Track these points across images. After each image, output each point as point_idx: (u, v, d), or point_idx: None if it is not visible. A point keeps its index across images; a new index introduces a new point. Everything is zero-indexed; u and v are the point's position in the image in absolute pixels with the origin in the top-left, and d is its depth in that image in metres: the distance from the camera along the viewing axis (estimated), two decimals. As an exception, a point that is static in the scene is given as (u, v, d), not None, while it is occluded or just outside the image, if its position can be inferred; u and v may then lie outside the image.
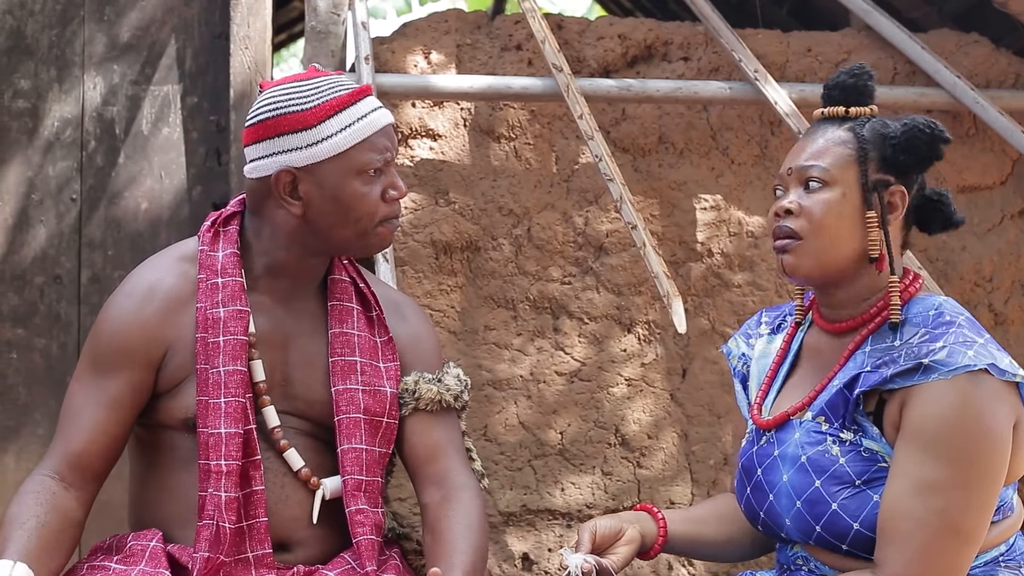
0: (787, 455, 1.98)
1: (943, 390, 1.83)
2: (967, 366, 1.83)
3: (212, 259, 2.13)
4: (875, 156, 1.97)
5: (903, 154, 1.95)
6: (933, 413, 1.84)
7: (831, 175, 1.97)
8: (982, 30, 3.79)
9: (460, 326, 3.52)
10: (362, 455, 2.12)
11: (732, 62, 3.58)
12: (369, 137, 2.09)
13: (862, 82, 2.02)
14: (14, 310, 3.52)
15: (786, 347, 2.14)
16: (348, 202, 2.08)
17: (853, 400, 1.92)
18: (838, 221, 1.96)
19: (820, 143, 2.00)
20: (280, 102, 2.08)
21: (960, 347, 1.86)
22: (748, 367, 2.20)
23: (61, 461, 2.06)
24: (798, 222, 1.97)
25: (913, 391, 1.86)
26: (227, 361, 2.06)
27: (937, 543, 1.82)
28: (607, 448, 3.54)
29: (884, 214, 1.96)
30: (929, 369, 1.85)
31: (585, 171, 3.59)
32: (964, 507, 1.82)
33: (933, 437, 1.83)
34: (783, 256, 1.99)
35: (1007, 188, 3.71)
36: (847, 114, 2.02)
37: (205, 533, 2.01)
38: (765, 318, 2.26)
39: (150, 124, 3.58)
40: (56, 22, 3.57)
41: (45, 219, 3.54)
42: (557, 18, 3.72)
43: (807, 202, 1.97)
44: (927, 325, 1.92)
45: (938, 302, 1.98)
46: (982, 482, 1.83)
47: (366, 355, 2.17)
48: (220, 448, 2.03)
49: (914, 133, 1.94)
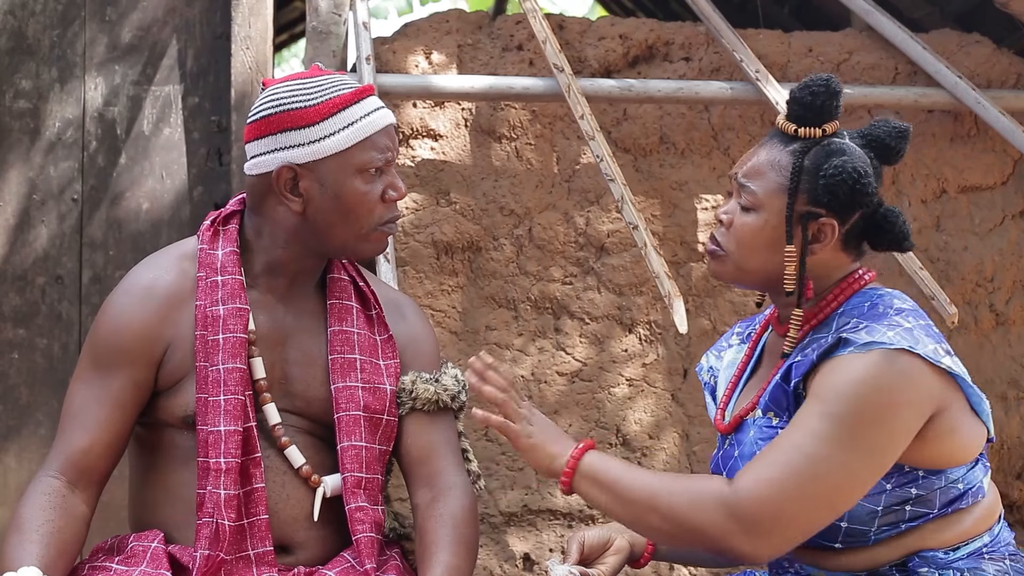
0: (744, 455, 2.00)
1: (853, 359, 1.86)
2: (882, 343, 1.85)
3: (212, 257, 2.13)
4: (807, 188, 1.97)
5: (827, 196, 1.95)
6: (837, 378, 1.86)
7: (759, 200, 1.99)
8: (983, 30, 3.79)
9: (461, 326, 3.52)
10: (362, 452, 2.12)
11: (733, 62, 3.58)
12: (371, 136, 2.09)
13: (818, 101, 2.00)
14: (16, 310, 3.53)
15: (751, 352, 2.18)
16: (348, 200, 2.08)
17: (792, 391, 1.94)
18: (758, 246, 2.00)
19: (762, 160, 2.01)
20: (283, 99, 2.09)
21: (882, 327, 1.88)
22: (716, 378, 2.23)
23: (65, 461, 2.06)
24: (726, 237, 2.02)
25: (827, 362, 1.89)
26: (226, 359, 2.06)
27: (794, 482, 1.84)
28: (608, 448, 3.54)
29: (805, 245, 1.97)
30: (847, 343, 1.88)
31: (586, 171, 3.59)
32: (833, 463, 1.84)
33: (830, 397, 1.85)
34: (710, 261, 2.06)
35: (1008, 188, 3.71)
36: (796, 134, 2.01)
37: (205, 531, 2.01)
38: (738, 329, 2.29)
39: (151, 124, 3.58)
40: (57, 22, 3.57)
41: (46, 219, 3.55)
42: (558, 18, 3.72)
43: (739, 219, 2.01)
44: (860, 315, 1.95)
45: (877, 295, 1.99)
46: (860, 450, 1.84)
47: (366, 353, 2.17)
48: (219, 445, 2.03)
49: (839, 181, 1.93)
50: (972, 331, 3.67)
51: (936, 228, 3.68)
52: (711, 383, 2.24)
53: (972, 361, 3.66)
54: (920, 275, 3.27)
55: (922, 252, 3.61)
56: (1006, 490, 3.67)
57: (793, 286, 1.98)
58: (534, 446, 2.01)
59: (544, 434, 2.02)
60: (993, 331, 3.69)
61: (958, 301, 3.60)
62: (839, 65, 3.67)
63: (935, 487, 1.92)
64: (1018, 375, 3.68)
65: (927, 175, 3.68)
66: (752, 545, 1.86)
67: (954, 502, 1.94)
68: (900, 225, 2.01)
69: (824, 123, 2.00)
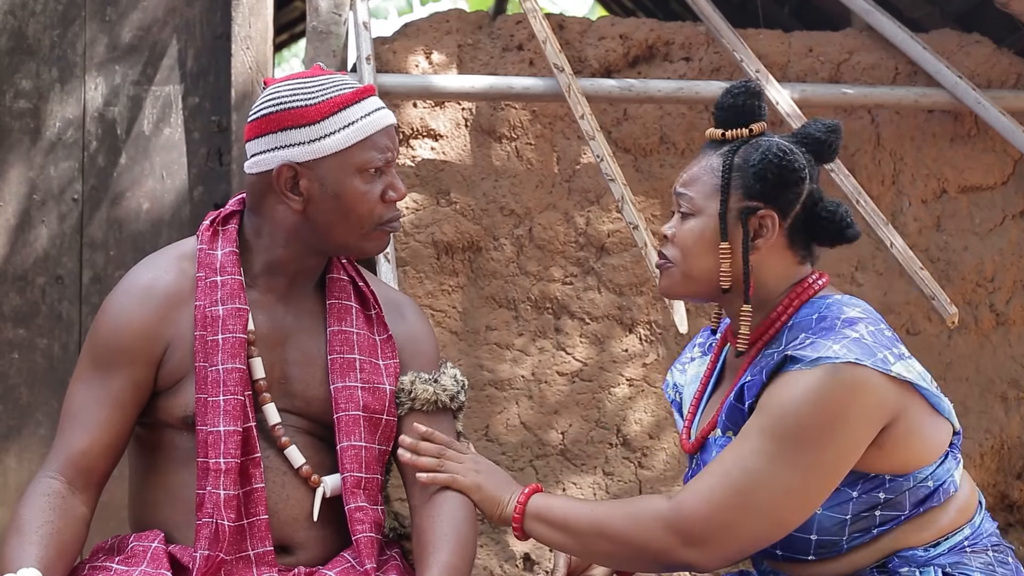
0: None
1: (798, 377, 1.86)
2: (828, 358, 1.85)
3: (211, 257, 2.13)
4: (739, 183, 1.99)
5: (758, 183, 1.97)
6: (782, 395, 1.87)
7: (696, 205, 2.01)
8: (983, 30, 3.79)
9: (462, 326, 3.52)
10: (361, 452, 2.12)
11: (733, 62, 3.58)
12: (371, 136, 2.09)
13: (740, 102, 2.03)
14: (16, 310, 3.53)
15: (712, 366, 2.18)
16: (348, 200, 2.08)
17: (747, 411, 1.95)
18: (701, 250, 2.01)
19: (695, 169, 2.04)
20: (284, 98, 2.09)
21: (827, 341, 1.88)
22: (681, 395, 2.24)
23: (65, 462, 2.06)
24: (671, 249, 2.05)
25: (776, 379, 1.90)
26: (226, 359, 2.06)
27: (731, 498, 1.86)
28: (608, 448, 3.55)
29: (747, 241, 1.98)
30: (793, 360, 1.88)
31: (587, 171, 3.59)
32: (773, 479, 1.85)
33: (774, 413, 1.86)
34: (660, 278, 2.08)
35: (1008, 188, 3.71)
36: (723, 137, 2.04)
37: (204, 531, 2.01)
38: (699, 339, 2.30)
39: (151, 124, 3.58)
40: (58, 23, 3.57)
41: (47, 219, 3.55)
42: (558, 18, 3.72)
43: (678, 230, 2.03)
44: (809, 329, 1.94)
45: (825, 304, 1.98)
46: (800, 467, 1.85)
47: (365, 353, 2.17)
48: (219, 446, 2.03)
49: (765, 163, 1.95)
50: (972, 331, 3.67)
51: (936, 228, 3.68)
52: (677, 400, 2.25)
53: (972, 361, 3.66)
54: (920, 275, 3.27)
55: (922, 252, 3.61)
56: (1006, 490, 3.67)
57: (729, 283, 1.98)
58: (484, 498, 2.09)
59: (492, 482, 2.09)
60: (993, 331, 3.69)
61: (958, 301, 3.60)
62: (839, 65, 3.67)
63: (903, 489, 1.91)
64: (1018, 375, 3.68)
65: (927, 175, 3.68)
66: (695, 555, 1.89)
67: (926, 501, 1.93)
68: (841, 214, 2.00)
69: (750, 123, 2.03)
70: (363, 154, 2.08)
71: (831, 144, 2.04)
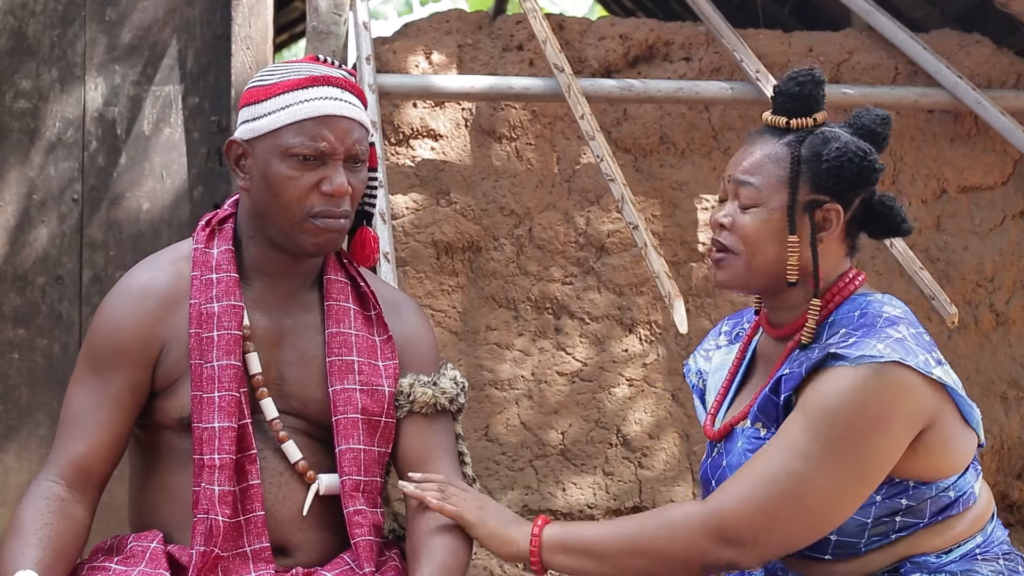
0: (732, 465, 1.99)
1: (841, 374, 1.84)
2: (872, 356, 1.83)
3: (207, 256, 2.13)
4: (808, 176, 1.97)
5: (833, 179, 1.95)
6: (824, 391, 1.85)
7: (761, 195, 1.98)
8: (983, 30, 3.79)
9: (461, 326, 3.52)
10: (360, 455, 2.12)
11: (733, 62, 3.58)
12: (302, 121, 2.06)
13: (806, 91, 2.00)
14: (16, 310, 3.53)
15: (741, 356, 2.16)
16: (274, 183, 2.07)
17: (782, 404, 1.93)
18: (766, 241, 1.98)
19: (757, 156, 2.00)
20: (254, 78, 2.15)
21: (871, 340, 1.86)
22: (705, 382, 2.22)
23: (65, 465, 2.06)
24: (730, 238, 2.00)
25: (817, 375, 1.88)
26: (221, 356, 2.06)
27: (775, 501, 1.84)
28: (608, 448, 3.55)
29: (814, 234, 1.97)
30: (836, 357, 1.86)
31: (586, 171, 3.59)
32: (815, 482, 1.83)
33: (817, 414, 1.85)
34: (716, 270, 2.03)
35: (1008, 188, 3.71)
36: (788, 126, 2.01)
37: (200, 528, 2.01)
38: (725, 327, 2.28)
39: (151, 125, 3.58)
40: (58, 23, 3.57)
41: (47, 220, 3.55)
42: (558, 18, 3.72)
43: (740, 218, 1.99)
44: (850, 325, 1.93)
45: (866, 301, 1.97)
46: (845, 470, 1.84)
47: (364, 354, 2.17)
48: (213, 442, 2.02)
49: (844, 161, 1.93)
50: (972, 331, 3.67)
51: (936, 228, 3.68)
52: (699, 386, 2.23)
53: (972, 361, 3.66)
54: (920, 275, 3.27)
55: (922, 252, 3.61)
56: (1006, 490, 3.67)
57: (796, 276, 1.96)
58: (491, 534, 2.04)
59: (497, 519, 2.05)
60: (993, 331, 3.69)
61: (958, 301, 3.60)
62: (839, 65, 3.67)
63: (925, 497, 1.90)
64: (1018, 375, 3.68)
65: (927, 175, 3.68)
66: (736, 554, 1.88)
67: (945, 510, 1.92)
68: (897, 209, 2.00)
69: (814, 112, 2.01)
70: (290, 138, 2.06)
71: (885, 136, 2.03)
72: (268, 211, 2.10)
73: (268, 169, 2.07)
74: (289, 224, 2.09)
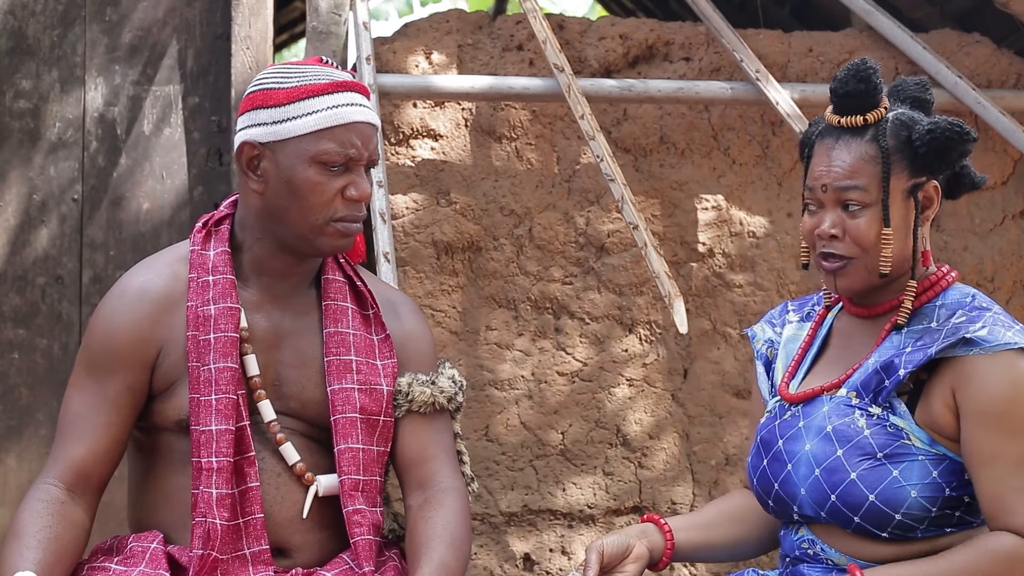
0: (812, 426, 2.02)
1: (992, 367, 1.90)
2: (1008, 343, 1.89)
3: (204, 258, 2.13)
4: (903, 163, 1.99)
5: (933, 158, 1.98)
6: (991, 392, 1.90)
7: (870, 196, 2.00)
8: (983, 30, 3.79)
9: (461, 326, 3.52)
10: (359, 455, 2.12)
11: (733, 62, 3.58)
12: (332, 128, 2.07)
13: (872, 84, 2.01)
14: (16, 310, 3.53)
15: (814, 331, 2.18)
16: (299, 188, 2.07)
17: (894, 380, 1.95)
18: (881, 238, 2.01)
19: (850, 161, 2.01)
20: (264, 79, 2.12)
21: (999, 327, 1.92)
22: (775, 351, 2.23)
23: (64, 468, 2.06)
24: (844, 246, 2.01)
25: (961, 373, 1.91)
26: (218, 358, 2.06)
27: None
28: (608, 448, 3.55)
29: (918, 216, 2.01)
30: (971, 343, 1.90)
31: (586, 171, 3.59)
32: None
33: (1002, 415, 1.89)
34: (836, 279, 2.04)
35: (1008, 188, 3.71)
36: (866, 121, 2.02)
37: (198, 530, 2.01)
38: (792, 306, 2.30)
39: (151, 125, 3.58)
40: (58, 23, 3.57)
41: (47, 220, 3.55)
42: (558, 18, 3.72)
43: (850, 224, 2.00)
44: (964, 308, 1.98)
45: (972, 291, 2.04)
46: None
47: (362, 354, 2.16)
48: (211, 445, 2.03)
49: (942, 139, 1.96)
50: (972, 331, 3.67)
51: (936, 228, 3.68)
52: (767, 355, 2.24)
53: (972, 361, 3.66)
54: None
55: (922, 252, 3.61)
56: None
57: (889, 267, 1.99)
58: None
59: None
60: (993, 331, 3.69)
61: (958, 301, 3.60)
62: (839, 65, 3.67)
63: None
64: (1018, 375, 3.68)
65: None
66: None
67: None
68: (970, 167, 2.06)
69: (881, 102, 2.03)
70: (320, 144, 2.06)
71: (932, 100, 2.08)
72: (286, 214, 2.09)
73: (294, 174, 2.06)
74: (308, 227, 2.09)
